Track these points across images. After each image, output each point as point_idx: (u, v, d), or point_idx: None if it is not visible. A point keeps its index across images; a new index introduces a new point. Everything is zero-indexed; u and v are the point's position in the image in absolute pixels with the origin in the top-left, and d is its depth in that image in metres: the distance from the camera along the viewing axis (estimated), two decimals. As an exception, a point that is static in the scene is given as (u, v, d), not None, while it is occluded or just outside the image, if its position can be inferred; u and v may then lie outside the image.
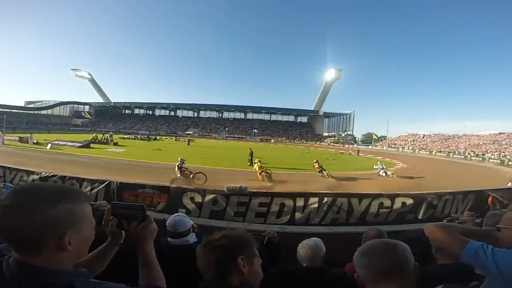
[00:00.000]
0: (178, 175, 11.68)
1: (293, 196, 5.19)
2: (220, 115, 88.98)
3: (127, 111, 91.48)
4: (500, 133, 47.56)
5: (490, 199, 6.64)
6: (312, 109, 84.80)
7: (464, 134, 55.63)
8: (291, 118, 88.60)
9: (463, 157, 39.02)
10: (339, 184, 13.25)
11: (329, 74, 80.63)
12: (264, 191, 5.41)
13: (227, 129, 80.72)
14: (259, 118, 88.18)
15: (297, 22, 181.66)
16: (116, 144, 29.96)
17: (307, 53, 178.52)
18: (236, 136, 73.68)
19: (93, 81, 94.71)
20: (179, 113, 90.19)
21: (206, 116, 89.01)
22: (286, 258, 2.30)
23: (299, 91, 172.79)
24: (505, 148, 38.80)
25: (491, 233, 1.27)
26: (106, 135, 34.16)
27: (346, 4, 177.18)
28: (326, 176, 14.84)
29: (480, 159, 35.73)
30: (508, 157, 32.75)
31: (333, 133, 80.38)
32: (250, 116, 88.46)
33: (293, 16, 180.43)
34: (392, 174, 16.49)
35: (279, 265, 2.08)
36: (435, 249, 1.72)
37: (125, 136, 45.84)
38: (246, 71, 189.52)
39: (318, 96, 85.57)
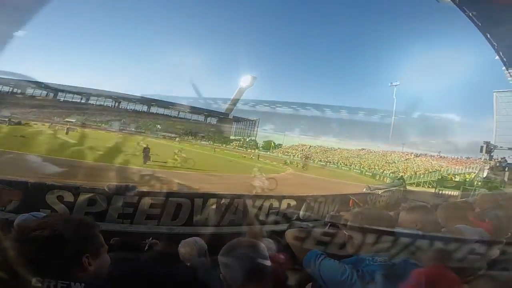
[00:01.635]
0: None
1: (190, 196, 5.04)
2: (116, 105, 77.51)
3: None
4: (363, 149, 61.67)
5: (351, 201, 8.44)
6: (223, 111, 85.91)
7: (338, 148, 68.93)
8: (201, 117, 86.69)
9: (336, 166, 48.50)
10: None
11: (245, 80, 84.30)
12: (157, 190, 4.99)
13: (122, 121, 71.26)
14: (165, 113, 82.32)
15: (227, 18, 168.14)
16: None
17: (226, 52, 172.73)
18: (133, 130, 65.94)
19: None
20: (61, 96, 73.02)
21: (97, 104, 75.80)
22: (173, 260, 2.21)
23: (213, 92, 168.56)
24: (364, 161, 50.70)
25: (341, 237, 1.30)
26: None
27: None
28: None
29: (347, 169, 45.30)
30: (366, 168, 42.98)
31: (239, 137, 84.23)
32: (154, 110, 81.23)
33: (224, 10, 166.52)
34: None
35: (165, 267, 1.97)
36: None
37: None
38: (156, 57, 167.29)
39: (231, 100, 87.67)
